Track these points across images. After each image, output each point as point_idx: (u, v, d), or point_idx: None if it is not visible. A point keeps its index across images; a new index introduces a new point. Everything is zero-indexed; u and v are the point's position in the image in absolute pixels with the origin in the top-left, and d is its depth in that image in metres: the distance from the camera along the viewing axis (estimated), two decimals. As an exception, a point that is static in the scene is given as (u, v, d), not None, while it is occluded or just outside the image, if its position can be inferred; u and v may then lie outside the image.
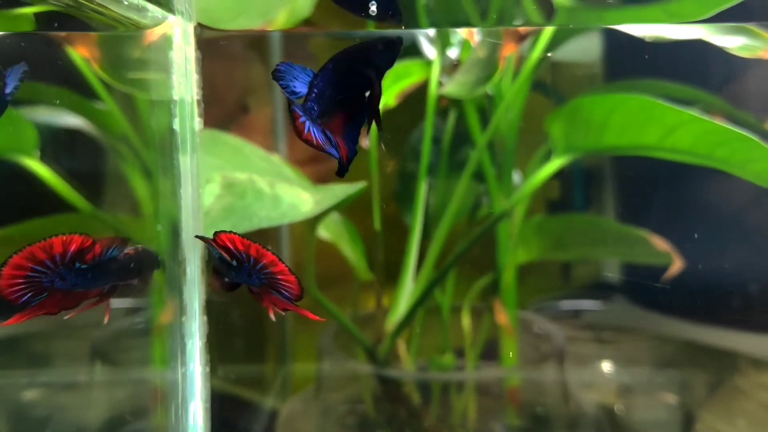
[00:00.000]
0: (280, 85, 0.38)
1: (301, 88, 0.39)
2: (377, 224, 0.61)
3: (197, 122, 0.34)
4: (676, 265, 0.62)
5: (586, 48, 0.90)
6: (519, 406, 0.72)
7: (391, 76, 0.64)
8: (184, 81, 0.43)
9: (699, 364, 0.86)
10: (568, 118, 0.53)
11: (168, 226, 0.41)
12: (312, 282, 0.58)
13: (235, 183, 0.44)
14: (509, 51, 0.54)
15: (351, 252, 0.69)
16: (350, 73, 0.39)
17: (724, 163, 0.44)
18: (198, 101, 0.33)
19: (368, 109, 0.39)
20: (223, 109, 0.83)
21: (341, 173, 0.39)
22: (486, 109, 0.69)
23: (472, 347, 0.74)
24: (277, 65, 0.38)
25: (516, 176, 0.74)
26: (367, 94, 0.39)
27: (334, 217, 0.70)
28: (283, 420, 0.70)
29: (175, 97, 0.44)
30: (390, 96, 0.62)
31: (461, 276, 0.76)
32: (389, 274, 0.68)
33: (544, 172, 0.58)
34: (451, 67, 0.65)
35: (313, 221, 0.55)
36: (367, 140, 0.80)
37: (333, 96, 0.39)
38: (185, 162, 0.41)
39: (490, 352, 0.74)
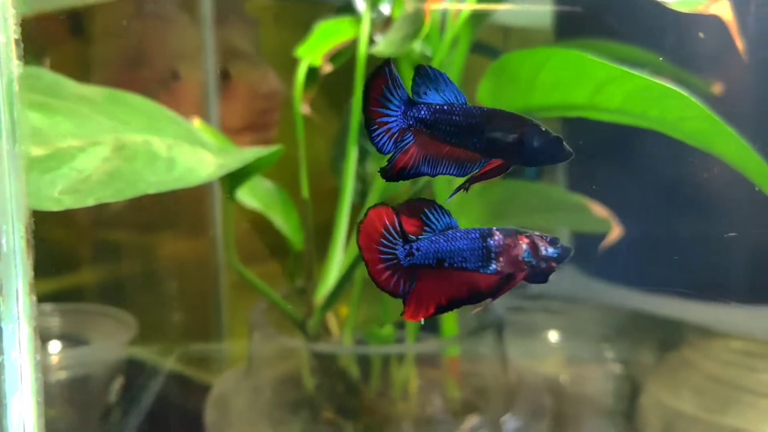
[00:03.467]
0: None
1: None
2: (305, 192, 0.58)
3: (15, 66, 0.29)
4: (615, 232, 0.60)
5: (537, 12, 0.87)
6: (459, 378, 0.70)
7: (319, 34, 0.60)
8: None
9: (647, 334, 0.85)
10: (494, 76, 0.49)
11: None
12: (233, 254, 0.55)
13: (127, 145, 0.40)
14: (434, 3, 0.51)
15: (283, 223, 0.66)
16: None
17: (658, 122, 0.41)
18: (17, 41, 0.29)
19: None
20: (152, 74, 0.79)
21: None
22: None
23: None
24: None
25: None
26: None
27: (266, 186, 0.67)
28: (214, 398, 0.67)
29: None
30: (318, 55, 0.58)
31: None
32: (324, 245, 0.65)
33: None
34: (383, 25, 0.61)
35: (230, 188, 0.52)
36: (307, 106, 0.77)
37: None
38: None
39: (433, 325, 0.72)
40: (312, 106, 0.74)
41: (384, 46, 0.56)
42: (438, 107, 0.34)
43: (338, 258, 0.58)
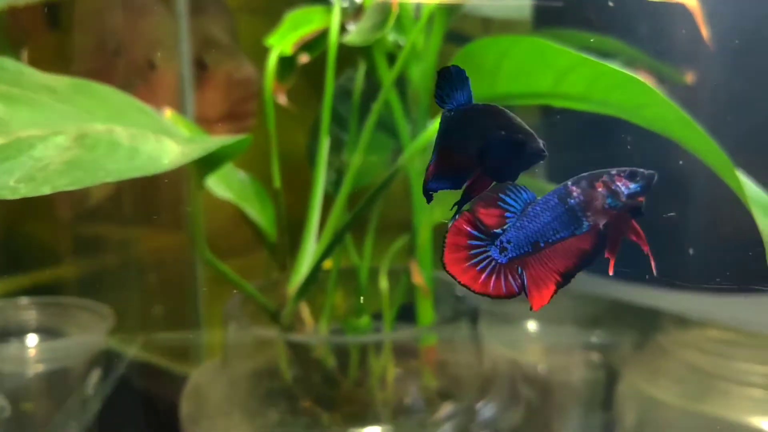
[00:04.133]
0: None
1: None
2: (277, 183, 0.58)
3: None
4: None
5: (517, 5, 0.87)
6: (435, 367, 0.70)
7: (289, 23, 0.60)
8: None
9: (624, 322, 0.85)
10: (463, 63, 0.49)
11: None
12: (202, 245, 0.55)
13: (89, 135, 0.40)
14: (401, -8, 0.51)
15: (258, 214, 0.65)
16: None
17: (619, 109, 0.41)
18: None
19: None
20: (129, 64, 0.78)
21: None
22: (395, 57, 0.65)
23: (388, 309, 0.71)
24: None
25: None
26: None
27: (240, 177, 0.67)
28: (189, 389, 0.67)
29: None
30: (288, 44, 0.58)
31: (381, 237, 0.74)
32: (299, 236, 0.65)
33: (431, 130, 0.55)
34: (355, 14, 0.61)
35: (198, 178, 0.52)
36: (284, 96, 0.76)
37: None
38: None
39: (410, 316, 0.72)
40: (292, 96, 0.74)
41: (354, 35, 0.56)
42: (444, 116, 0.32)
43: (310, 249, 0.58)
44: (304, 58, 0.74)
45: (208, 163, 0.50)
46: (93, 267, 0.90)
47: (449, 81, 0.31)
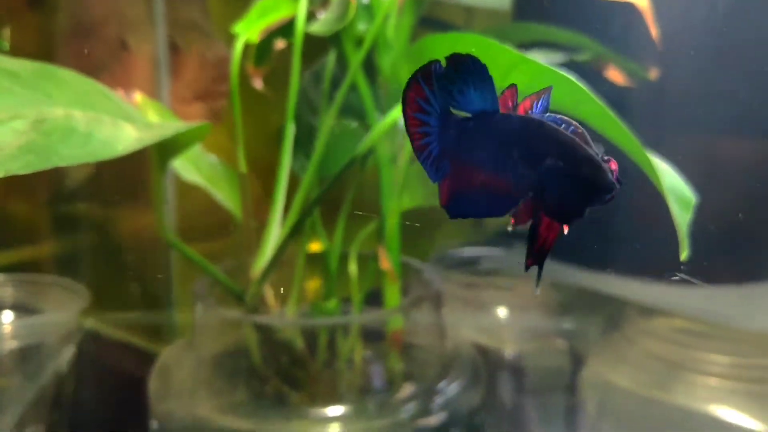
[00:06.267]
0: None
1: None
2: (242, 167, 0.59)
3: None
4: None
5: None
6: (401, 350, 0.72)
7: (257, 10, 0.60)
8: None
9: (592, 311, 0.86)
10: (414, 58, 0.50)
11: None
12: (166, 226, 0.56)
13: (47, 120, 0.41)
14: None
15: (227, 197, 0.67)
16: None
17: (561, 105, 0.42)
18: None
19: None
20: (103, 45, 0.79)
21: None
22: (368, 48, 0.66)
23: (357, 293, 0.73)
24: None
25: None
26: None
27: (209, 161, 0.68)
28: (158, 368, 0.69)
29: None
30: (255, 31, 0.59)
31: (351, 223, 0.75)
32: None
33: (393, 115, 0.56)
34: (324, 2, 0.62)
35: (159, 162, 0.53)
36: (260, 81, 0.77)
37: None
38: None
39: (378, 302, 0.73)
40: (272, 81, 0.75)
41: (319, 24, 0.57)
42: (463, 120, 0.26)
43: (275, 231, 0.60)
44: (280, 44, 0.75)
45: (169, 148, 0.51)
46: (70, 246, 0.91)
47: (464, 74, 0.25)
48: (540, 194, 0.25)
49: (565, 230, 0.26)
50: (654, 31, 0.47)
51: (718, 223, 0.63)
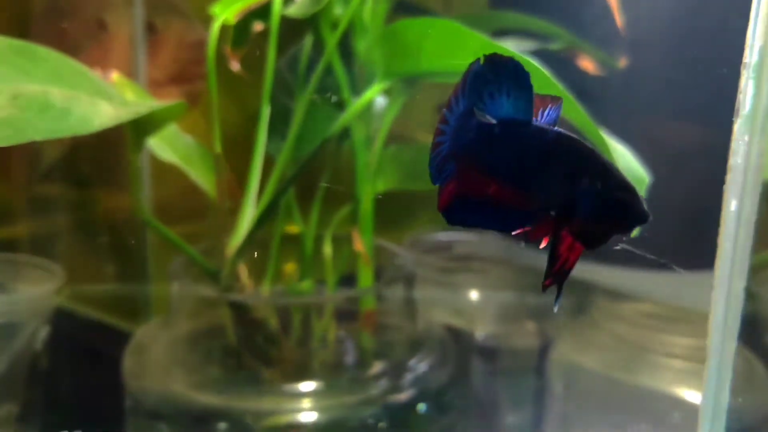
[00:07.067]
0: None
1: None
2: (217, 147, 0.60)
3: None
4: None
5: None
6: (373, 330, 0.73)
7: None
8: None
9: (563, 295, 0.88)
10: (387, 42, 0.51)
11: None
12: (142, 204, 0.56)
13: (24, 95, 0.41)
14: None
15: (202, 178, 0.67)
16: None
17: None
18: None
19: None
20: (80, 25, 0.79)
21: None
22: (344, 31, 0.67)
23: (330, 274, 0.74)
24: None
25: (380, 100, 0.74)
26: None
27: (186, 141, 0.69)
28: (133, 346, 0.69)
29: None
30: (231, 13, 0.59)
31: (327, 205, 0.76)
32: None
33: (365, 98, 0.57)
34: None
35: (134, 141, 0.53)
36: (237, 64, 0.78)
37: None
38: None
39: (353, 285, 0.75)
40: (252, 63, 0.75)
41: (296, 7, 0.57)
42: (487, 124, 0.24)
43: (250, 211, 0.61)
44: (258, 27, 0.75)
45: (144, 126, 0.52)
46: (46, 226, 0.91)
47: (501, 77, 0.23)
48: (568, 214, 0.24)
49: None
50: (619, 19, 0.49)
51: (683, 208, 0.65)
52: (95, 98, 0.44)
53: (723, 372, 0.35)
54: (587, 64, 0.75)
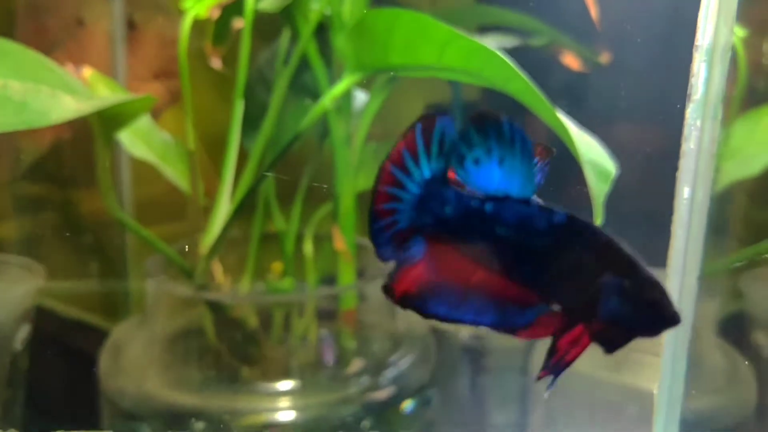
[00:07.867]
0: None
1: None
2: (191, 144, 0.59)
3: None
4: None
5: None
6: (354, 328, 0.72)
7: (208, -14, 0.60)
8: None
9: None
10: (356, 34, 0.51)
11: None
12: (113, 202, 0.56)
13: (-19, 88, 0.41)
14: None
15: (178, 175, 0.67)
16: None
17: (493, 81, 0.43)
18: None
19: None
20: (59, 21, 0.78)
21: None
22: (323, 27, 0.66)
23: (311, 272, 0.73)
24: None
25: (362, 96, 0.73)
26: None
27: (162, 138, 0.68)
28: (109, 345, 0.69)
29: None
30: (203, 8, 0.59)
31: (308, 203, 0.75)
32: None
33: (335, 92, 0.56)
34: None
35: (103, 136, 0.53)
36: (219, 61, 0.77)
37: None
38: None
39: (335, 284, 0.74)
40: (229, 61, 0.75)
41: (270, 1, 0.57)
42: (474, 199, 0.19)
43: (224, 208, 0.60)
44: (239, 24, 0.74)
45: (112, 120, 0.51)
46: (28, 226, 0.90)
47: (491, 141, 0.18)
48: (587, 315, 0.20)
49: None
50: (594, 13, 0.48)
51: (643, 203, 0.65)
52: (57, 92, 0.43)
53: (677, 363, 0.35)
54: (571, 61, 0.74)
